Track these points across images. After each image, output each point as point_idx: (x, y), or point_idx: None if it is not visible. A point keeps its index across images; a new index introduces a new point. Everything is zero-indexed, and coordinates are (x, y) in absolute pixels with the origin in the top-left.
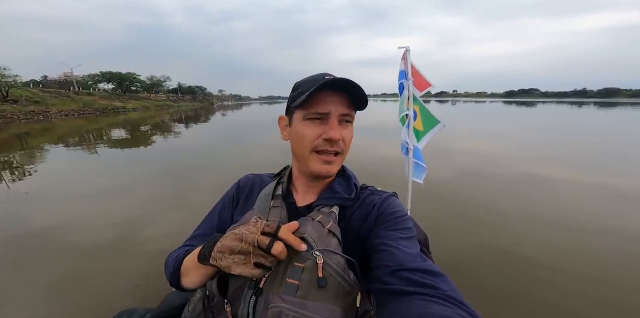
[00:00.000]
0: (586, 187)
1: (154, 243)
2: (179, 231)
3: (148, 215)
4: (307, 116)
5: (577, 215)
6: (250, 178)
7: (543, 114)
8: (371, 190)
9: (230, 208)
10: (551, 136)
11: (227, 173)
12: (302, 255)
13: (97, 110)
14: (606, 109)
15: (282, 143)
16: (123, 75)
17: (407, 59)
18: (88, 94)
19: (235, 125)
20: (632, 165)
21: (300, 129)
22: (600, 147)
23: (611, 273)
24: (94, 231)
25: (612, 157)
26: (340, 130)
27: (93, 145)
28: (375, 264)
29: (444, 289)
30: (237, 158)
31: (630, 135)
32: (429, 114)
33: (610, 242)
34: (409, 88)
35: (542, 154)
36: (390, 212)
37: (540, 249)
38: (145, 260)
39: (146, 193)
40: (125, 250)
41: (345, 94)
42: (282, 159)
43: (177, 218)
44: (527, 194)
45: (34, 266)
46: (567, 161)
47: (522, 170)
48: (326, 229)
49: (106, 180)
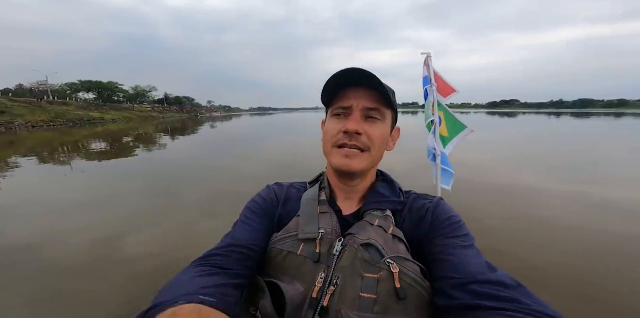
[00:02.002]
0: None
1: (130, 265)
2: (160, 251)
3: (116, 235)
4: (333, 112)
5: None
6: (282, 186)
7: (529, 123)
8: (417, 194)
9: (264, 216)
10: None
11: (209, 188)
12: (373, 265)
13: (71, 121)
14: (584, 119)
15: (266, 156)
16: (104, 85)
17: (429, 65)
18: (64, 104)
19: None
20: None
21: (327, 125)
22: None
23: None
24: (58, 250)
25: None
26: (365, 126)
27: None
28: (436, 275)
29: (527, 303)
30: (219, 173)
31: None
32: (454, 119)
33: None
34: (433, 94)
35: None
36: (445, 218)
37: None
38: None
39: (118, 209)
40: (102, 274)
41: (370, 89)
42: (269, 173)
43: (155, 237)
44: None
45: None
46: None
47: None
48: (390, 234)
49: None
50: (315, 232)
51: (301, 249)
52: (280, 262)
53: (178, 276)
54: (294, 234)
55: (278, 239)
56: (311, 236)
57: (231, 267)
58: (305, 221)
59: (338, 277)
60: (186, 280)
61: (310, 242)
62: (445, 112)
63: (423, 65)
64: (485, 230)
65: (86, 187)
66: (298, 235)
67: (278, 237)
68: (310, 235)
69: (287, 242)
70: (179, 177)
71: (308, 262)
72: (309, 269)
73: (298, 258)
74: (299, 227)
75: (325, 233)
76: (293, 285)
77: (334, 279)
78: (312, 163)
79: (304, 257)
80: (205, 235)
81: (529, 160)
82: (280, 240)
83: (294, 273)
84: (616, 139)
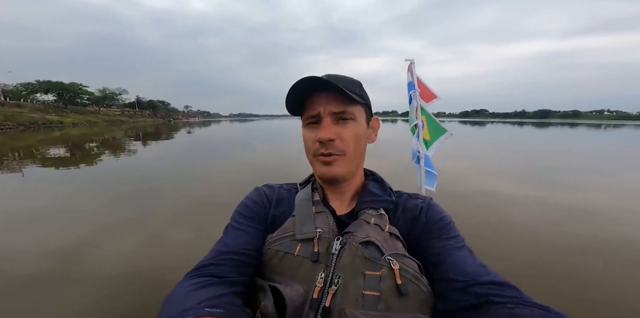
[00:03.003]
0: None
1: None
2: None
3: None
4: (305, 122)
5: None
6: (272, 188)
7: (499, 132)
8: (408, 194)
9: (256, 219)
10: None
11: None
12: (374, 263)
13: (23, 124)
14: (544, 128)
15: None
16: (65, 86)
17: (413, 71)
18: (17, 105)
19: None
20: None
21: (303, 136)
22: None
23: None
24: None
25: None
26: (337, 130)
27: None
28: (437, 277)
29: (526, 297)
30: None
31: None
32: (435, 124)
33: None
34: (416, 99)
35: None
36: (438, 219)
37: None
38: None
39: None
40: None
41: (331, 91)
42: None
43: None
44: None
45: None
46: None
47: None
48: (387, 232)
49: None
50: (313, 232)
51: (299, 249)
52: (277, 263)
53: (176, 291)
54: (291, 234)
55: (274, 240)
56: (309, 236)
57: (228, 275)
58: (301, 221)
59: (339, 276)
60: (185, 294)
61: (308, 242)
62: (427, 116)
63: (407, 71)
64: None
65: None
66: (295, 235)
67: (274, 238)
68: (308, 235)
69: (284, 242)
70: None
71: (306, 262)
72: (307, 269)
73: (296, 259)
74: (295, 227)
75: (322, 232)
76: (292, 287)
77: (335, 278)
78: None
79: (302, 257)
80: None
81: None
82: (276, 241)
83: (292, 274)
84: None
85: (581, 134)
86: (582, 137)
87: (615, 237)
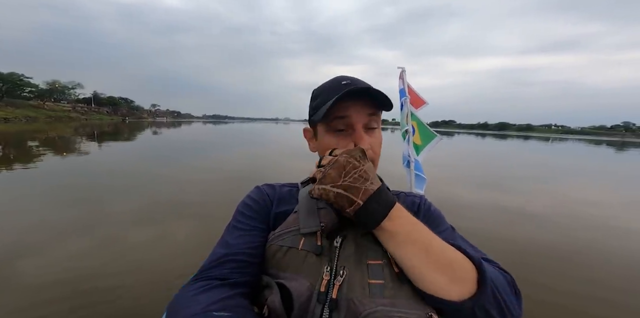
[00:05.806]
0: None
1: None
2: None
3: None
4: (332, 129)
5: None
6: (273, 187)
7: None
8: (405, 193)
9: (258, 218)
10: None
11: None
12: (375, 252)
13: None
14: (502, 140)
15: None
16: (2, 76)
17: (404, 79)
18: None
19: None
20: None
21: (327, 142)
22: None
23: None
24: None
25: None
26: (370, 139)
27: None
28: None
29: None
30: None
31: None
32: (426, 129)
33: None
34: (407, 105)
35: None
36: (435, 214)
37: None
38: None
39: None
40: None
41: (366, 99)
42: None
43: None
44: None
45: None
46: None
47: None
48: None
49: None
50: (317, 226)
51: (302, 244)
52: (281, 258)
53: (182, 295)
54: (294, 229)
55: (276, 236)
56: (313, 229)
57: (232, 276)
58: (305, 216)
59: (344, 267)
60: (191, 298)
61: (312, 235)
62: (418, 122)
63: (399, 78)
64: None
65: None
66: (300, 229)
67: (276, 234)
68: (312, 228)
69: (287, 237)
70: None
71: (311, 256)
72: (312, 263)
73: (300, 253)
74: (300, 221)
75: (326, 227)
76: (298, 281)
77: (340, 270)
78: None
79: (306, 251)
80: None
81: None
82: (278, 236)
83: (297, 268)
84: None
85: (532, 147)
86: (532, 149)
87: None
